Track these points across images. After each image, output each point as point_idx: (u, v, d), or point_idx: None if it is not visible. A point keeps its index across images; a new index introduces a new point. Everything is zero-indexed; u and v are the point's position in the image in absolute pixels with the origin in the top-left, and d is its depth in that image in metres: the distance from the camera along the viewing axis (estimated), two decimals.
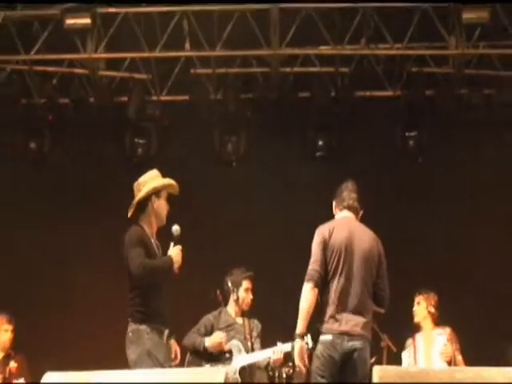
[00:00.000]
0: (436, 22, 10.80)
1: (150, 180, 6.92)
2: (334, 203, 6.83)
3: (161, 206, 6.86)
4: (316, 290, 6.38)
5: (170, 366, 6.69)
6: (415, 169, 11.12)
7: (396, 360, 8.54)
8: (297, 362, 6.44)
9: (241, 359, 7.92)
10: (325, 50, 11.11)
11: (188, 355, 7.97)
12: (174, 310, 9.53)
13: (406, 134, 11.17)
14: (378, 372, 5.01)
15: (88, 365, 5.70)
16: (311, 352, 7.13)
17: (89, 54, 11.04)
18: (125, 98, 11.47)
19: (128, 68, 11.52)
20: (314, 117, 11.36)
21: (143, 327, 6.55)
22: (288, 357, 8.09)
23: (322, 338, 6.36)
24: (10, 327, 8.88)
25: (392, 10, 10.83)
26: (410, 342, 8.61)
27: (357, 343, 6.32)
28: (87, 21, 10.68)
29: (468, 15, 10.48)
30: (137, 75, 11.52)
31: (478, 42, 10.93)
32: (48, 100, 11.44)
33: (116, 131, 11.47)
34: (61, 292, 10.73)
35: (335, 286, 6.38)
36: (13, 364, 8.65)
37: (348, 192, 6.74)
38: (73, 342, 10.15)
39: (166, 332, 6.68)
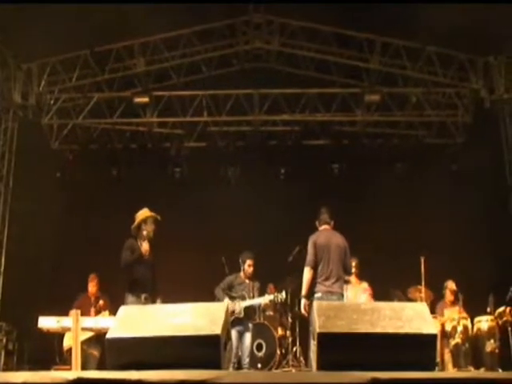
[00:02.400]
0: (349, 101, 10.85)
1: (141, 214, 7.01)
2: (317, 222, 6.90)
3: (146, 228, 6.93)
4: (312, 271, 6.57)
5: None
6: (337, 186, 10.91)
7: None
8: (302, 311, 6.62)
9: (245, 303, 7.84)
10: (285, 117, 11.07)
11: (216, 300, 7.85)
12: (197, 277, 9.52)
13: (332, 165, 11.14)
14: (316, 305, 5.04)
15: None
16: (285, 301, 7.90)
17: (147, 118, 11.04)
18: (168, 144, 11.40)
19: (170, 127, 11.42)
20: (278, 155, 11.29)
21: (128, 294, 6.75)
22: (272, 302, 8.26)
23: (316, 295, 6.52)
24: (95, 282, 8.66)
25: (324, 94, 10.91)
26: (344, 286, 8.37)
27: (334, 297, 6.47)
28: (146, 99, 10.65)
29: (368, 97, 10.50)
30: (175, 131, 11.41)
31: (373, 112, 10.94)
32: (123, 146, 11.37)
33: (163, 164, 11.34)
34: None
35: (322, 267, 6.57)
36: (101, 302, 8.47)
37: (323, 215, 6.90)
38: None
39: (143, 296, 6.71)
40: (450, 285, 8.74)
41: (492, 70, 10.43)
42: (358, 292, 8.18)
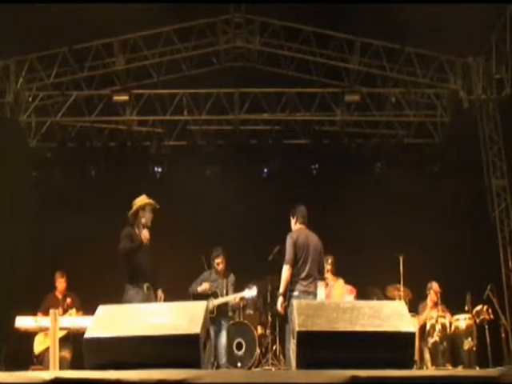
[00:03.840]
0: (329, 100, 10.90)
1: (140, 201, 6.71)
2: (293, 218, 6.71)
3: (145, 215, 6.63)
4: (291, 269, 6.40)
5: None
6: (317, 186, 10.89)
7: None
8: (278, 308, 6.47)
9: (217, 300, 7.89)
10: (265, 116, 11.08)
11: (192, 297, 7.91)
12: (175, 271, 9.30)
13: (312, 166, 11.14)
14: (296, 303, 4.99)
15: None
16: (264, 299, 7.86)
17: (127, 117, 10.98)
18: (148, 143, 11.29)
19: (150, 125, 11.34)
20: (260, 154, 11.25)
21: (128, 285, 6.42)
22: (243, 298, 8.31)
23: (293, 293, 6.39)
24: (63, 279, 8.48)
25: (304, 93, 10.96)
26: (321, 283, 7.96)
27: (310, 296, 6.37)
28: (126, 97, 10.58)
29: (348, 97, 10.54)
30: (155, 129, 11.32)
31: (353, 112, 10.99)
32: (102, 144, 11.23)
33: (143, 163, 11.24)
34: (99, 257, 9.88)
35: (300, 266, 6.42)
36: (68, 300, 8.24)
37: (302, 213, 6.70)
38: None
39: (145, 285, 6.41)
40: (435, 286, 8.76)
41: (470, 70, 10.54)
42: (343, 292, 8.16)
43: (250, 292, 8.06)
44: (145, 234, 6.60)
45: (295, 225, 6.73)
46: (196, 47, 10.87)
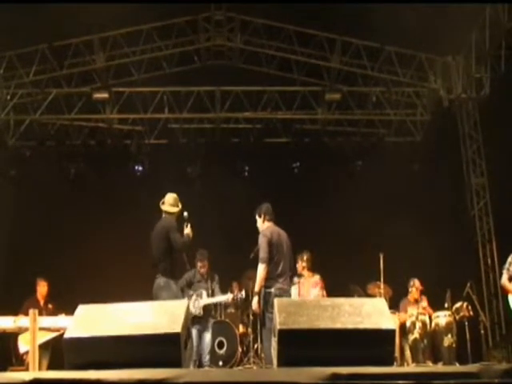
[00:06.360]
0: (310, 99, 10.96)
1: (179, 201, 6.81)
2: (260, 217, 6.62)
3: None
4: (267, 268, 6.34)
5: None
6: (298, 184, 10.92)
7: None
8: (254, 307, 6.44)
9: (204, 301, 7.84)
10: (247, 114, 11.09)
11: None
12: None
13: (293, 164, 11.16)
14: (277, 301, 4.97)
15: None
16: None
17: (107, 115, 10.97)
18: (129, 141, 11.23)
19: (131, 123, 11.31)
20: (241, 153, 11.24)
21: (170, 280, 6.30)
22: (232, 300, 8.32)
23: (271, 290, 6.30)
24: (45, 283, 8.40)
25: (285, 91, 10.97)
26: (296, 281, 8.06)
27: (286, 294, 6.36)
28: (106, 95, 10.55)
29: (328, 96, 10.61)
30: (136, 128, 11.30)
31: (334, 110, 11.05)
32: (82, 142, 11.17)
33: (123, 161, 11.18)
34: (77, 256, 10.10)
35: (275, 264, 6.36)
36: (49, 306, 8.20)
37: (269, 211, 6.63)
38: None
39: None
40: (417, 283, 8.79)
41: (450, 69, 10.63)
42: (309, 287, 8.14)
43: (240, 294, 8.15)
44: (190, 235, 6.56)
45: (263, 223, 6.65)
46: (177, 45, 10.86)
